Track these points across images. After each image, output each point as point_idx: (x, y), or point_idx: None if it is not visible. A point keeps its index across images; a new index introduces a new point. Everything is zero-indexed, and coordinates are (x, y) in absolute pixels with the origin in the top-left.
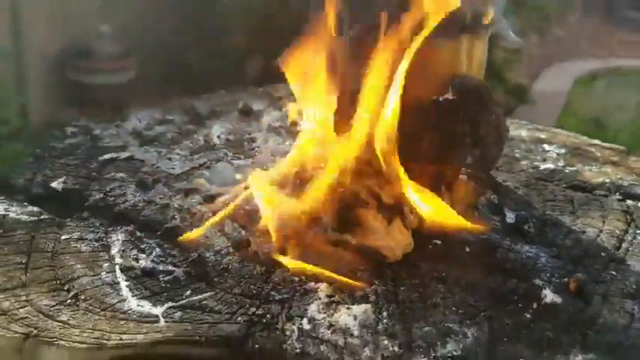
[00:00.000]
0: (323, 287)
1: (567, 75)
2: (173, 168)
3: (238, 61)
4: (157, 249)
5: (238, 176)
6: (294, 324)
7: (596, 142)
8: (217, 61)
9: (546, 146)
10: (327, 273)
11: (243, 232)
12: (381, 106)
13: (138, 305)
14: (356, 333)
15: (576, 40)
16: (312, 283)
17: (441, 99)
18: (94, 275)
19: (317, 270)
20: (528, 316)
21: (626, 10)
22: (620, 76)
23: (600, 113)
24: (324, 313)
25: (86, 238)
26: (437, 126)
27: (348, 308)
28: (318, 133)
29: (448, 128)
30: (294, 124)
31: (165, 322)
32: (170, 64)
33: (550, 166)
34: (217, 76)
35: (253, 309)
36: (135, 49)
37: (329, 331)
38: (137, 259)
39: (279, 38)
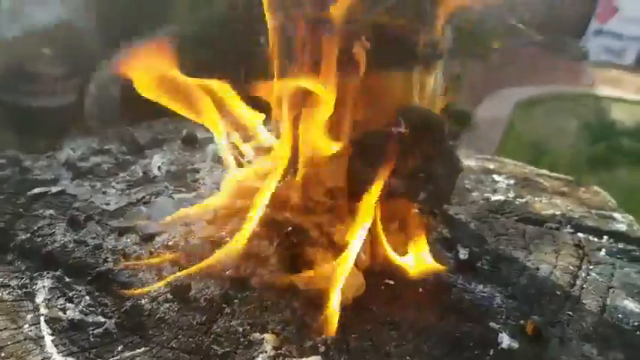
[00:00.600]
0: (269, 338)
1: (508, 101)
2: (108, 203)
3: None
4: (87, 297)
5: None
6: None
7: (544, 172)
8: None
9: (496, 176)
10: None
11: (183, 277)
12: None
13: None
14: None
15: (517, 66)
16: (257, 334)
17: (393, 131)
18: (15, 329)
19: None
20: None
21: (564, 38)
22: (559, 101)
23: (541, 138)
24: None
25: (9, 285)
26: (389, 160)
27: None
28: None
29: (401, 163)
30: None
31: None
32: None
33: (500, 197)
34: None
35: None
36: (77, 71)
37: None
38: (64, 310)
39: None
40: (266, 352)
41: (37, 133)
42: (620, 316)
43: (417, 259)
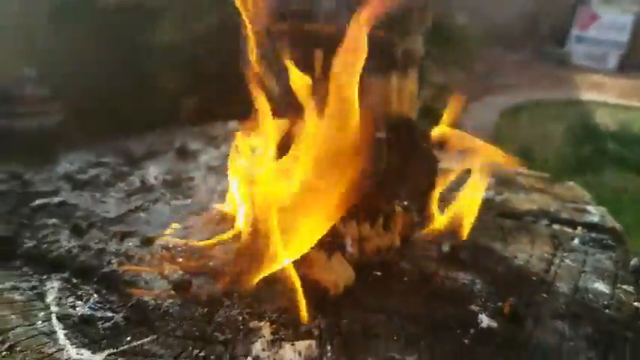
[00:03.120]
0: (266, 325)
1: (493, 108)
2: (108, 211)
3: (172, 101)
4: (95, 295)
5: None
6: None
7: (523, 170)
8: (150, 102)
9: None
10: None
11: (184, 274)
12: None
13: (77, 354)
14: None
15: (501, 75)
16: (256, 322)
17: (373, 135)
18: (29, 325)
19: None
20: (466, 341)
21: (546, 46)
22: (544, 107)
23: (526, 144)
24: (269, 350)
25: (20, 287)
26: (370, 161)
27: (292, 344)
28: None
29: (381, 163)
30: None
31: None
32: (101, 107)
33: None
34: (151, 117)
35: (196, 351)
36: (63, 92)
37: None
38: (74, 307)
39: (209, 79)
40: (264, 337)
41: (24, 155)
42: (590, 296)
43: None
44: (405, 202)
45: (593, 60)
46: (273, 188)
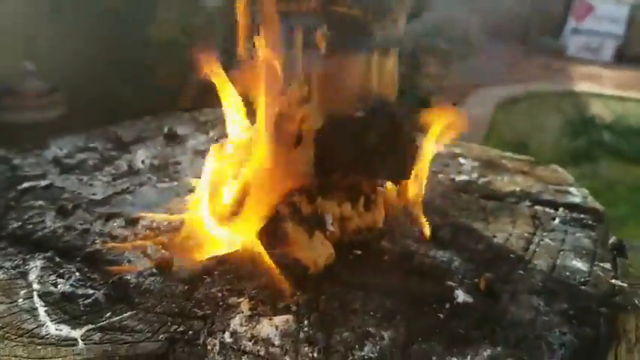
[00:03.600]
0: (245, 302)
1: (490, 100)
2: (94, 194)
3: (170, 92)
4: (77, 273)
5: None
6: (215, 338)
7: (508, 154)
8: (148, 92)
9: (462, 160)
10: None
11: (166, 252)
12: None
13: (56, 329)
14: (277, 342)
15: (497, 67)
16: (235, 298)
17: (352, 116)
18: (10, 302)
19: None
20: (442, 316)
21: (541, 37)
22: (539, 99)
23: (522, 136)
24: (247, 325)
25: (3, 267)
26: (350, 141)
27: (270, 319)
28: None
29: (361, 143)
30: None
31: (85, 344)
32: (100, 100)
33: (465, 177)
34: (149, 107)
35: (175, 326)
36: (62, 85)
37: (250, 343)
38: (56, 285)
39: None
40: (242, 312)
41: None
42: (567, 273)
43: None
44: (384, 181)
45: (589, 51)
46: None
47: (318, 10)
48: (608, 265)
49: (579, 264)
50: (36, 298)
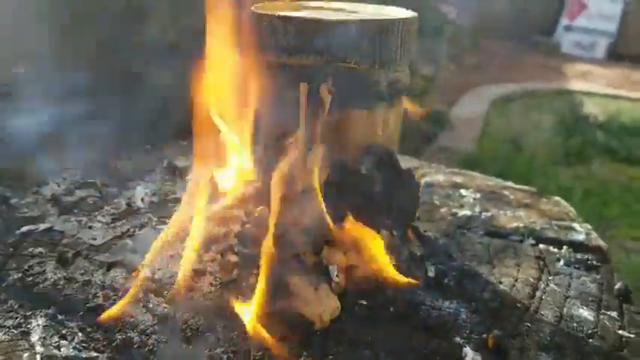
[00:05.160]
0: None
1: (484, 99)
2: (94, 238)
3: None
4: (79, 334)
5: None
6: None
7: (509, 184)
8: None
9: (463, 191)
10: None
11: (168, 307)
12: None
13: None
14: None
15: (491, 66)
16: None
17: (358, 168)
18: None
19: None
20: None
21: (534, 36)
22: (534, 98)
23: (516, 134)
24: None
25: (4, 325)
26: (356, 191)
27: None
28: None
29: (366, 193)
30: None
31: None
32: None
33: (467, 212)
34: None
35: None
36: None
37: None
38: (59, 347)
39: None
40: None
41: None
42: (574, 324)
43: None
44: (391, 230)
45: (581, 49)
46: None
47: (325, 65)
48: (614, 314)
49: (585, 313)
50: None
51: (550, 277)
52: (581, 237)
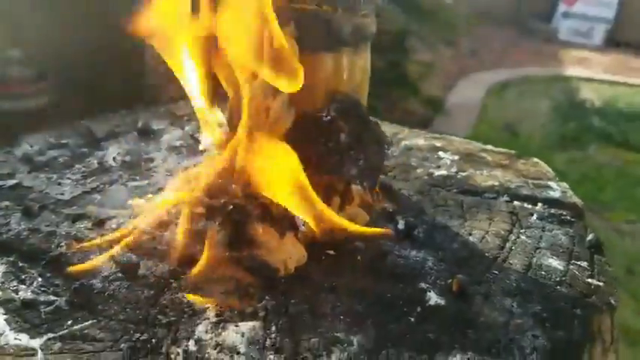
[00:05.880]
0: (212, 307)
1: (480, 85)
2: (62, 194)
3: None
4: (39, 279)
5: (132, 199)
6: (179, 346)
7: (489, 147)
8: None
9: (441, 153)
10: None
11: (133, 256)
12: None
13: (15, 339)
14: (243, 350)
15: (487, 51)
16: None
17: (323, 117)
18: None
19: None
20: (413, 319)
21: (531, 22)
22: (530, 84)
23: (512, 120)
24: (212, 332)
25: None
26: (321, 140)
27: (236, 326)
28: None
29: (331, 142)
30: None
31: (44, 354)
32: (86, 89)
33: (443, 172)
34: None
35: (138, 334)
36: (48, 73)
37: (215, 351)
38: (17, 291)
39: None
40: (209, 319)
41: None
42: (543, 273)
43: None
44: (357, 179)
45: (579, 36)
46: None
47: (285, 8)
48: (585, 264)
49: (555, 262)
50: None
51: (522, 230)
52: (556, 194)
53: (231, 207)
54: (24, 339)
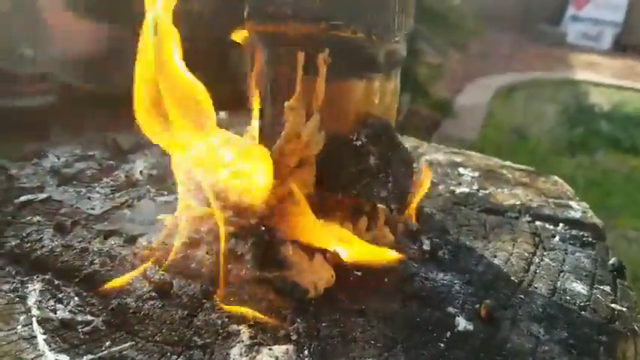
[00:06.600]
0: (245, 329)
1: (488, 88)
2: (93, 208)
3: None
4: (76, 298)
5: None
6: None
7: (508, 163)
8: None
9: (461, 169)
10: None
11: (166, 275)
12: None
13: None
14: None
15: (496, 55)
16: (235, 326)
17: (354, 140)
18: (9, 330)
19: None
20: (442, 345)
21: (540, 25)
22: (538, 87)
23: (520, 124)
24: (246, 355)
25: (1, 290)
26: (351, 163)
27: (270, 349)
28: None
29: (361, 165)
30: None
31: None
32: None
33: (465, 189)
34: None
35: (175, 356)
36: (59, 72)
37: None
38: (55, 310)
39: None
40: (243, 341)
41: (17, 135)
42: (567, 297)
43: (377, 251)
44: (388, 204)
45: (588, 39)
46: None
47: (320, 34)
48: (608, 288)
49: (579, 287)
50: (35, 325)
51: (545, 253)
52: (577, 215)
53: (263, 227)
54: None
